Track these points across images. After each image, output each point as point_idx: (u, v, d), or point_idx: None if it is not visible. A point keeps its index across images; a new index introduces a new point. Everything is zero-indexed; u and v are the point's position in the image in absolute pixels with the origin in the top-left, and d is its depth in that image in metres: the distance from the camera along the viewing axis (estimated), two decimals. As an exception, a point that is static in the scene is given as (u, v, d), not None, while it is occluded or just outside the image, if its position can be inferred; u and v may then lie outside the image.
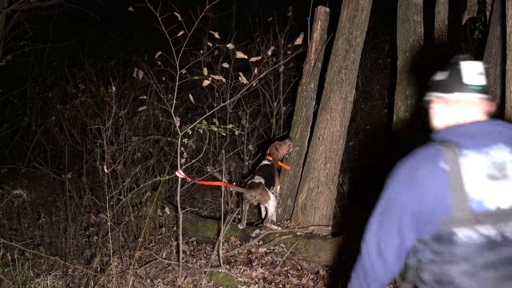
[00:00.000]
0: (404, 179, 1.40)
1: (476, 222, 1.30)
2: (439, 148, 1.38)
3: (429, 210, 1.35)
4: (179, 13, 3.25)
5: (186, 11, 3.40)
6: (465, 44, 6.77)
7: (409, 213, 1.38)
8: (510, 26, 2.78)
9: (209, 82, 3.57)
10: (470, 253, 1.31)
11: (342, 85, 4.01)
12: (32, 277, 3.54)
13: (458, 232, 1.31)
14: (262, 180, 3.89)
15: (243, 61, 4.02)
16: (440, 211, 1.33)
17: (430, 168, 1.36)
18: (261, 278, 3.34)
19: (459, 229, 1.31)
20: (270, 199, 3.87)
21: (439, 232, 1.34)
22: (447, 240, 1.33)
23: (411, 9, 4.28)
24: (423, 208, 1.36)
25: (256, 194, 3.82)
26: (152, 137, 5.64)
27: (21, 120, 7.14)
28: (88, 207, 4.82)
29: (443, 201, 1.33)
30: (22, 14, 5.89)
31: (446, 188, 1.33)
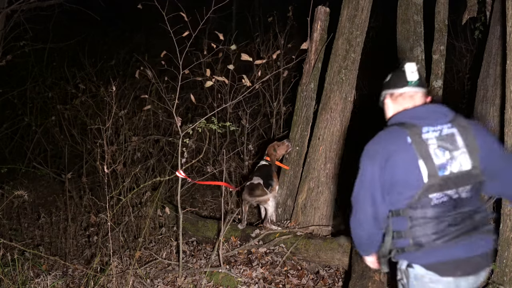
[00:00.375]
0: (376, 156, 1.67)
1: (443, 186, 1.61)
2: (400, 128, 1.67)
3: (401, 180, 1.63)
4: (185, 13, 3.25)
5: (189, 11, 3.40)
6: (465, 44, 6.77)
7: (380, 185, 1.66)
8: (510, 26, 2.78)
9: (212, 83, 3.57)
10: (439, 213, 1.62)
11: (342, 85, 4.01)
12: (32, 277, 3.54)
13: (432, 196, 1.61)
14: (260, 181, 3.90)
15: (243, 62, 4.02)
16: (414, 180, 1.61)
17: (399, 143, 1.64)
18: (261, 278, 3.34)
19: (432, 194, 1.60)
20: (270, 200, 3.88)
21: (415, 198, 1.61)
22: (422, 205, 1.62)
23: (411, 9, 4.28)
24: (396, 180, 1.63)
25: (256, 194, 3.83)
26: (152, 137, 5.64)
27: (21, 120, 7.14)
28: (88, 207, 4.81)
29: (416, 170, 1.60)
30: (22, 14, 5.89)
31: (416, 159, 1.61)
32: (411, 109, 1.75)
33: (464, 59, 6.88)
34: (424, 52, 4.24)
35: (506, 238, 2.77)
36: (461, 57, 6.95)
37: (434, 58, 4.11)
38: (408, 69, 1.78)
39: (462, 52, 6.90)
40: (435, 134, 1.65)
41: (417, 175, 1.61)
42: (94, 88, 6.23)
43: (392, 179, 1.65)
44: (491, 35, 3.99)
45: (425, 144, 1.62)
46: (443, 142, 1.64)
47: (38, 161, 6.54)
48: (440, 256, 1.63)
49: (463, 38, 6.77)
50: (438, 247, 1.62)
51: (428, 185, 1.60)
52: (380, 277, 2.83)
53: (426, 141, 1.63)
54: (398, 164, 1.64)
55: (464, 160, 1.64)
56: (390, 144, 1.67)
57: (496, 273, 2.82)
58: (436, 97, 4.03)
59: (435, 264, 1.63)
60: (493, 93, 3.76)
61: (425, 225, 1.63)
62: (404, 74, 1.78)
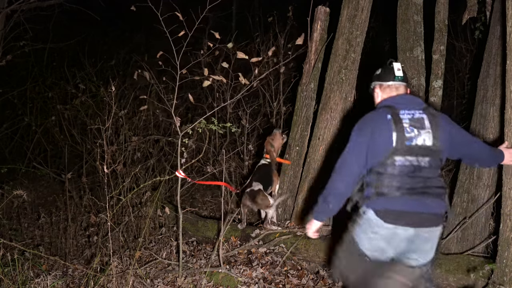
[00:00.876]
0: (364, 128, 2.18)
1: (406, 152, 2.10)
2: (384, 109, 2.20)
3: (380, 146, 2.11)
4: (180, 13, 3.24)
5: (187, 11, 3.40)
6: (465, 44, 6.77)
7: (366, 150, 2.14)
8: (510, 26, 2.78)
9: (210, 83, 3.57)
10: (401, 172, 2.10)
11: (342, 85, 4.01)
12: (32, 277, 3.54)
13: (396, 158, 2.10)
14: (260, 186, 3.88)
15: (243, 61, 4.02)
16: (387, 145, 2.10)
17: (381, 119, 2.15)
18: (261, 278, 3.34)
19: (397, 157, 2.10)
20: (270, 204, 3.87)
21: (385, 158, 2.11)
22: (389, 164, 2.11)
23: (411, 9, 4.27)
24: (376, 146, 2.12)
25: (257, 202, 3.83)
26: (152, 137, 5.64)
27: (21, 120, 7.14)
28: (88, 207, 4.81)
29: (390, 138, 2.10)
30: (22, 14, 5.89)
31: (391, 130, 2.11)
32: (394, 97, 2.27)
33: (464, 59, 6.88)
34: (424, 52, 4.24)
35: (506, 238, 2.77)
36: (461, 57, 6.95)
37: (434, 58, 4.10)
38: (396, 67, 2.29)
39: (462, 52, 6.89)
40: (409, 116, 2.15)
41: (389, 142, 2.10)
42: (94, 88, 6.23)
43: (374, 146, 2.13)
44: (491, 35, 3.98)
45: (400, 121, 2.12)
46: (414, 122, 2.13)
47: (38, 161, 6.54)
48: (389, 205, 2.09)
49: (463, 38, 6.76)
50: (392, 198, 2.09)
51: (395, 149, 2.09)
52: (380, 277, 2.82)
53: (401, 120, 2.13)
54: (379, 134, 2.12)
55: (427, 138, 2.11)
56: (375, 121, 2.18)
57: (496, 273, 2.81)
58: (437, 97, 4.03)
59: (383, 211, 2.09)
60: (493, 93, 3.75)
61: (388, 179, 2.10)
62: (393, 70, 2.28)
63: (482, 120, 3.80)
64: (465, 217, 3.72)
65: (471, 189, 3.76)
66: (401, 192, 2.07)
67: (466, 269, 3.05)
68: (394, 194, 2.07)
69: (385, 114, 2.15)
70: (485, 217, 3.72)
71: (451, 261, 3.16)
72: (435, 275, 2.89)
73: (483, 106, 3.83)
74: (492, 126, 3.72)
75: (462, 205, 3.80)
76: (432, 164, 2.12)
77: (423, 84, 4.21)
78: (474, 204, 3.72)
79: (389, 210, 2.08)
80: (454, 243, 3.75)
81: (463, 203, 3.80)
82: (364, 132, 2.16)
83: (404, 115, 2.14)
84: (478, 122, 3.85)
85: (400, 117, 2.13)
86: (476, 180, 3.74)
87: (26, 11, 5.99)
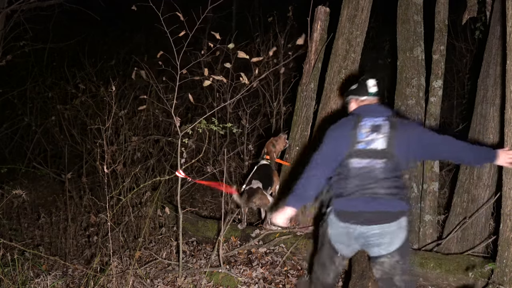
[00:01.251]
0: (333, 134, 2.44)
1: (360, 155, 2.31)
2: (351, 117, 2.46)
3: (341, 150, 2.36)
4: (181, 13, 3.24)
5: (187, 11, 3.40)
6: (465, 44, 6.77)
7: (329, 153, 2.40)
8: (510, 26, 2.78)
9: (210, 83, 3.57)
10: (355, 174, 2.31)
11: (342, 85, 4.01)
12: (32, 277, 3.54)
13: (351, 161, 2.32)
14: (260, 185, 3.88)
15: (243, 61, 4.02)
16: (343, 150, 2.35)
17: (344, 127, 2.42)
18: (261, 278, 3.34)
19: (351, 159, 2.32)
20: (269, 203, 3.87)
21: (343, 161, 2.35)
22: (345, 166, 2.34)
23: (411, 9, 4.27)
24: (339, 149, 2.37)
25: (256, 200, 3.83)
26: (152, 137, 5.63)
27: (21, 120, 7.13)
28: (88, 207, 4.81)
29: (345, 144, 2.35)
30: (22, 14, 5.89)
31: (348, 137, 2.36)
32: (362, 106, 2.49)
33: (464, 59, 6.88)
34: (424, 52, 4.24)
35: (506, 238, 2.77)
36: (461, 57, 6.95)
37: (434, 58, 4.10)
38: (370, 83, 2.51)
39: (462, 52, 6.89)
40: (370, 123, 2.36)
41: (345, 146, 2.34)
42: (94, 88, 6.23)
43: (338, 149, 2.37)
44: (491, 35, 3.98)
45: (360, 128, 2.36)
46: (374, 128, 2.34)
47: (38, 161, 6.54)
48: (343, 206, 2.34)
49: (463, 38, 6.76)
50: (347, 199, 2.31)
51: (349, 153, 2.32)
52: (380, 277, 2.83)
53: (361, 126, 2.36)
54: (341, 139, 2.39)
55: (381, 142, 2.31)
56: (341, 127, 2.44)
57: (496, 273, 2.81)
58: (437, 97, 4.03)
59: (338, 211, 2.35)
60: (493, 93, 3.75)
61: (344, 182, 2.34)
62: (367, 87, 2.50)
63: (482, 120, 3.80)
64: (465, 217, 3.72)
65: (471, 189, 3.76)
66: (354, 193, 2.29)
67: (466, 269, 3.05)
68: (349, 195, 2.31)
69: (349, 121, 2.43)
70: (485, 217, 3.72)
71: (451, 261, 3.16)
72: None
73: (483, 106, 3.83)
74: (492, 126, 3.72)
75: (462, 205, 3.80)
76: (388, 166, 2.29)
77: (423, 84, 4.20)
78: (474, 204, 3.72)
79: (342, 210, 2.34)
80: (454, 243, 3.75)
81: (463, 203, 3.80)
82: (332, 136, 2.43)
83: (366, 122, 2.37)
84: (478, 122, 3.84)
85: (361, 124, 2.37)
86: (476, 180, 3.74)
87: (26, 11, 5.98)
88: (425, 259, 3.22)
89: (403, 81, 4.22)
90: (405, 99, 4.17)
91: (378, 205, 2.26)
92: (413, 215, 4.00)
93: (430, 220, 3.88)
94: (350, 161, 2.32)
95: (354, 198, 2.29)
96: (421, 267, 3.19)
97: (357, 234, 2.31)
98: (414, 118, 4.12)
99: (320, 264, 2.58)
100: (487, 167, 3.69)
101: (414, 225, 3.98)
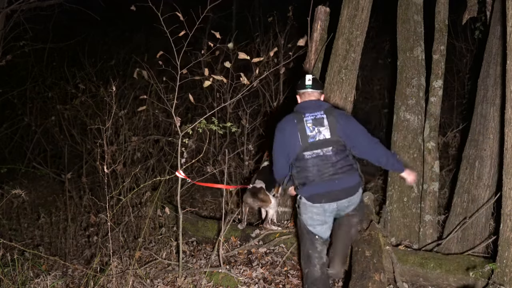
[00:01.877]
0: (280, 131, 2.81)
1: (312, 147, 2.71)
2: (294, 114, 2.81)
3: (291, 145, 2.75)
4: (180, 12, 3.24)
5: (187, 10, 3.39)
6: (465, 44, 6.77)
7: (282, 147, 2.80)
8: (510, 26, 2.78)
9: (210, 83, 3.56)
10: (312, 163, 2.71)
11: (342, 85, 4.01)
12: (32, 277, 3.53)
13: (305, 153, 2.72)
14: (263, 185, 3.87)
15: (243, 61, 4.01)
16: (296, 144, 2.73)
17: (289, 124, 2.78)
18: (261, 278, 3.33)
19: (305, 152, 2.72)
20: (271, 204, 3.85)
21: (298, 155, 2.73)
22: (301, 159, 2.73)
23: (411, 9, 4.27)
24: (287, 145, 2.76)
25: (258, 199, 3.82)
26: (152, 137, 5.63)
27: (21, 120, 7.13)
28: (88, 207, 4.82)
29: (297, 139, 2.73)
30: (22, 14, 5.88)
31: (297, 133, 2.73)
32: (302, 103, 2.87)
33: (464, 59, 6.88)
34: (424, 52, 4.24)
35: (506, 238, 2.77)
36: (461, 57, 6.95)
37: (434, 58, 4.10)
38: (307, 78, 2.87)
39: (462, 52, 6.90)
40: (312, 118, 2.74)
41: (297, 141, 2.72)
42: (94, 88, 6.23)
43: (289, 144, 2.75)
44: (491, 35, 3.98)
45: (303, 124, 2.73)
46: (315, 122, 2.73)
47: (38, 161, 6.54)
48: (312, 190, 2.72)
49: (463, 38, 6.76)
50: (312, 185, 2.71)
51: (303, 147, 2.71)
52: (380, 277, 2.82)
53: (305, 122, 2.73)
54: (289, 135, 2.75)
55: (326, 133, 2.71)
56: (287, 123, 2.80)
57: (496, 273, 2.81)
58: (437, 97, 4.03)
59: (309, 196, 2.73)
60: (493, 93, 3.75)
61: (304, 172, 2.73)
62: (305, 81, 2.86)
63: (482, 120, 3.80)
64: (465, 217, 3.72)
65: (471, 189, 3.76)
66: (317, 179, 2.70)
67: (466, 269, 3.05)
68: (312, 181, 2.71)
69: (292, 118, 2.78)
70: (485, 217, 3.72)
71: (451, 261, 3.16)
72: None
73: (483, 106, 3.83)
74: (492, 126, 3.72)
75: (462, 205, 3.80)
76: (337, 150, 2.71)
77: (423, 84, 4.20)
78: (474, 204, 3.72)
79: (314, 194, 2.73)
80: (454, 243, 3.75)
81: (463, 203, 3.80)
82: (280, 133, 2.81)
83: (308, 117, 2.74)
84: (478, 122, 3.84)
85: (304, 119, 2.74)
86: (476, 180, 3.74)
87: (26, 11, 5.98)
88: (425, 259, 3.22)
89: (403, 81, 4.22)
90: (405, 99, 4.17)
91: (341, 183, 2.70)
92: (413, 215, 4.00)
93: (430, 220, 3.88)
94: (304, 154, 2.71)
95: (319, 182, 2.70)
96: (421, 267, 3.19)
97: (331, 209, 2.76)
98: (414, 118, 4.12)
99: (305, 256, 2.85)
100: (487, 167, 3.70)
101: (414, 225, 3.99)
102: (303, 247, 2.87)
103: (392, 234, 4.01)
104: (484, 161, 3.71)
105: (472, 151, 3.83)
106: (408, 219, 4.00)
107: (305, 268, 2.85)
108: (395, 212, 4.04)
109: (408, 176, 2.97)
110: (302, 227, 2.85)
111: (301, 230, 2.87)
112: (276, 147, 2.83)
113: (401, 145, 4.11)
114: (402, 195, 4.04)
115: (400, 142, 4.12)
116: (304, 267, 2.87)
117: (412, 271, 3.21)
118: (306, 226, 2.82)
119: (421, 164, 4.03)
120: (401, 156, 4.06)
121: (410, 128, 4.12)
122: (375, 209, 4.26)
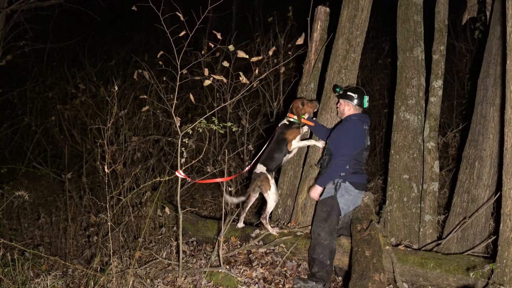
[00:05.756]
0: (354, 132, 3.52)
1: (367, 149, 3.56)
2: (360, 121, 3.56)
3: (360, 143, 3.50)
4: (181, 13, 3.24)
5: (187, 11, 3.40)
6: (465, 44, 6.77)
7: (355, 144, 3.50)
8: (510, 26, 2.78)
9: (210, 82, 3.56)
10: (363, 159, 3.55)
11: (342, 85, 4.01)
12: (32, 277, 3.54)
13: (364, 151, 3.53)
14: (263, 169, 3.82)
15: (243, 61, 4.02)
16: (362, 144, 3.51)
17: (361, 127, 3.53)
18: (261, 278, 3.34)
19: (364, 151, 3.54)
20: (270, 190, 3.79)
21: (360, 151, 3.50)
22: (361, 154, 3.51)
23: (411, 9, 4.28)
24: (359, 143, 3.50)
25: (256, 186, 3.81)
26: (152, 137, 5.63)
27: (21, 120, 7.14)
28: (88, 207, 4.82)
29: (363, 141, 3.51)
30: (22, 14, 5.89)
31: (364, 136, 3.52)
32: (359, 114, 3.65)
33: (464, 59, 6.88)
34: (424, 52, 4.24)
35: (506, 238, 2.77)
36: (461, 57, 6.95)
37: (434, 58, 4.11)
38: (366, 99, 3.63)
39: (462, 52, 6.90)
40: (367, 127, 3.55)
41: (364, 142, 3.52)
42: (94, 88, 6.23)
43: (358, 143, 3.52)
44: (491, 35, 3.98)
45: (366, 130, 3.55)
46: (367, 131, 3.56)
47: (38, 161, 6.54)
48: (358, 179, 3.49)
49: (463, 38, 6.76)
50: (359, 175, 3.49)
51: (365, 147, 3.52)
52: (380, 277, 2.82)
53: (365, 130, 3.54)
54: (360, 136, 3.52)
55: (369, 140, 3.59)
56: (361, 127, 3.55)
57: (496, 273, 2.82)
58: (437, 97, 4.03)
59: (355, 183, 3.47)
60: (493, 93, 3.75)
61: (359, 164, 3.50)
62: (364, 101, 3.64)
63: (482, 120, 3.80)
64: (465, 217, 3.72)
65: (471, 189, 3.76)
66: (362, 171, 3.53)
67: (466, 269, 3.05)
68: (360, 172, 3.51)
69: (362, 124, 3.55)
70: (485, 217, 3.72)
71: (451, 261, 3.16)
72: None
73: (483, 106, 3.83)
74: (492, 126, 3.72)
75: (462, 205, 3.80)
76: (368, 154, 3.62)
77: (423, 84, 4.21)
78: (474, 204, 3.72)
79: (359, 182, 3.50)
80: (454, 243, 3.75)
81: (463, 203, 3.80)
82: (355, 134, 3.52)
83: (365, 125, 3.56)
84: (478, 122, 3.85)
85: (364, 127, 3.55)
86: (476, 180, 3.74)
87: (26, 11, 5.99)
88: (425, 259, 3.22)
89: (403, 81, 4.22)
90: (405, 99, 4.17)
91: (365, 178, 3.59)
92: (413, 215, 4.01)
93: (430, 220, 3.88)
94: (364, 152, 3.52)
95: (362, 174, 3.53)
96: (421, 267, 3.19)
97: (360, 196, 3.57)
98: (414, 118, 4.13)
99: (330, 230, 3.36)
100: (487, 167, 3.70)
101: (414, 225, 3.99)
102: (330, 223, 3.38)
103: (392, 234, 4.02)
104: (484, 161, 3.72)
105: (472, 151, 3.83)
106: (408, 219, 4.01)
107: (326, 240, 3.33)
108: (395, 212, 4.05)
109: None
110: (334, 206, 3.43)
111: (331, 207, 3.42)
112: (356, 144, 3.50)
113: (401, 145, 4.12)
114: (402, 195, 4.04)
115: (400, 142, 4.13)
116: (326, 238, 3.34)
117: (412, 271, 3.22)
118: (337, 205, 3.44)
119: (421, 164, 4.03)
120: (401, 156, 4.07)
121: (410, 128, 4.12)
122: (375, 209, 4.26)
